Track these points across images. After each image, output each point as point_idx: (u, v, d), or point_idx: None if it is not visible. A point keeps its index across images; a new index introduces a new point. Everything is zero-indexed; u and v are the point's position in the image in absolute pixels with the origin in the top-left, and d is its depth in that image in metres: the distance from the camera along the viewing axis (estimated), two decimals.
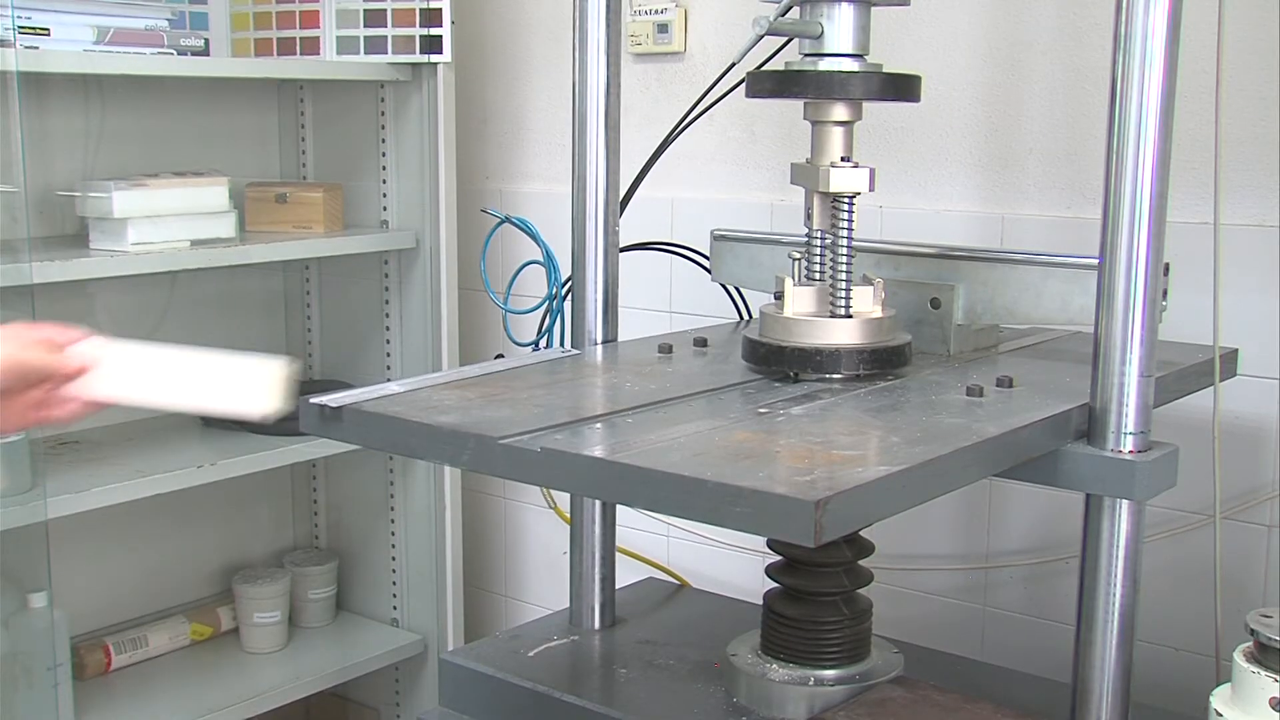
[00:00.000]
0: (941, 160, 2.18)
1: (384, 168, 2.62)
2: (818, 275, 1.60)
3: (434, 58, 2.49)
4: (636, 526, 2.49)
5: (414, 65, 2.52)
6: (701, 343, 1.77)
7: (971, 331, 1.73)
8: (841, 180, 1.54)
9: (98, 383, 1.19)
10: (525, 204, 2.65)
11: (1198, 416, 1.73)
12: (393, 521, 2.75)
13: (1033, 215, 2.09)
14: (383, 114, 2.61)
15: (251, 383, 1.20)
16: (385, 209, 2.63)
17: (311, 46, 2.55)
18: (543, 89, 2.67)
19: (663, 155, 1.91)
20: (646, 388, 1.49)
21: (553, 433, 1.28)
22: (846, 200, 1.56)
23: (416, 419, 1.34)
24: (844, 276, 1.56)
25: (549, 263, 1.72)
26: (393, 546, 2.75)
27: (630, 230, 1.88)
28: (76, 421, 1.24)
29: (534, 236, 1.70)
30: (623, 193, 1.82)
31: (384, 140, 2.62)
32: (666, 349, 1.71)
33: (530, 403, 1.40)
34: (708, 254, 1.96)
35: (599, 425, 1.33)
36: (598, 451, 1.21)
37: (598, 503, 1.82)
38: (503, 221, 1.74)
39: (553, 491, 2.50)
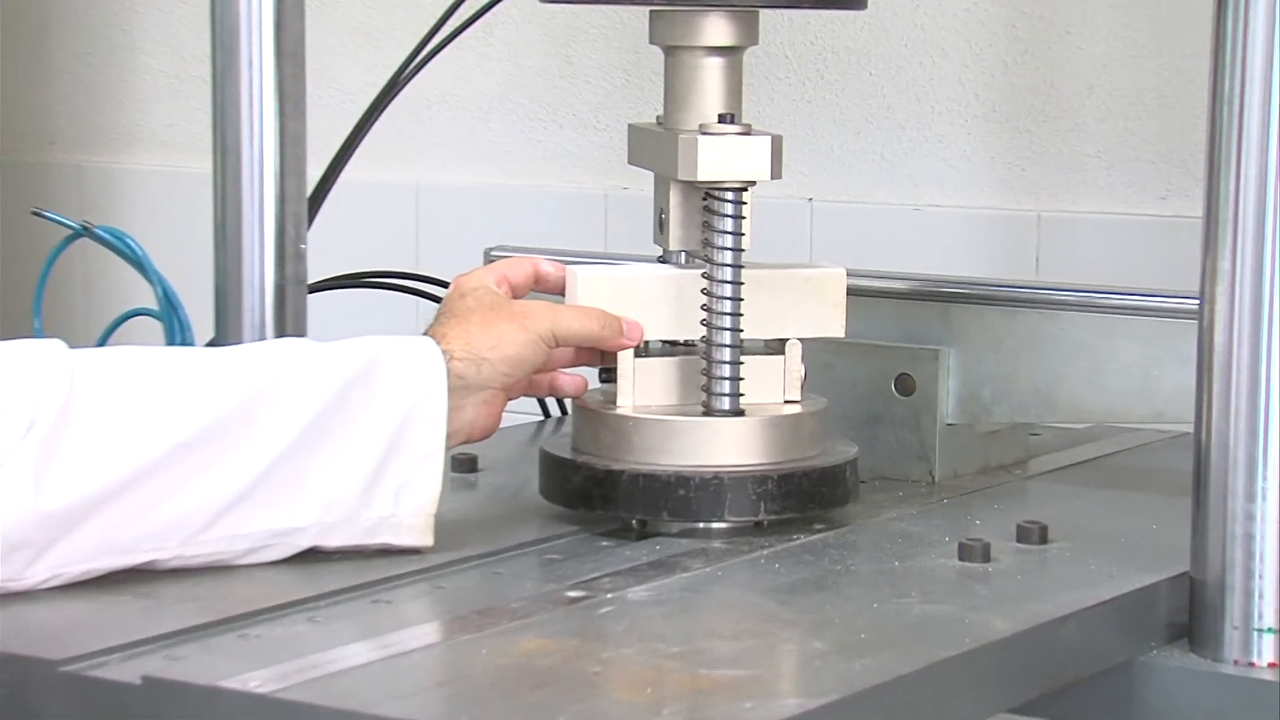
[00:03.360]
0: (923, 114, 2.24)
1: None
2: (681, 336, 1.63)
3: None
4: None
5: None
6: (468, 465, 1.79)
7: (975, 437, 1.77)
8: (718, 159, 1.56)
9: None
10: (126, 196, 2.68)
11: None
12: None
13: (1094, 214, 2.16)
14: None
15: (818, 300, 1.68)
16: None
17: None
18: None
19: (394, 104, 1.93)
20: (356, 553, 1.49)
21: (168, 648, 1.28)
22: (729, 196, 1.58)
23: None
24: (728, 338, 1.58)
25: (169, 313, 1.72)
26: None
27: (332, 251, 1.92)
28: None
29: (140, 264, 1.69)
30: (316, 180, 1.84)
31: None
32: None
33: (129, 588, 1.40)
34: None
35: (259, 631, 1.33)
36: (254, 682, 1.20)
37: None
38: (79, 234, 1.74)
39: None
